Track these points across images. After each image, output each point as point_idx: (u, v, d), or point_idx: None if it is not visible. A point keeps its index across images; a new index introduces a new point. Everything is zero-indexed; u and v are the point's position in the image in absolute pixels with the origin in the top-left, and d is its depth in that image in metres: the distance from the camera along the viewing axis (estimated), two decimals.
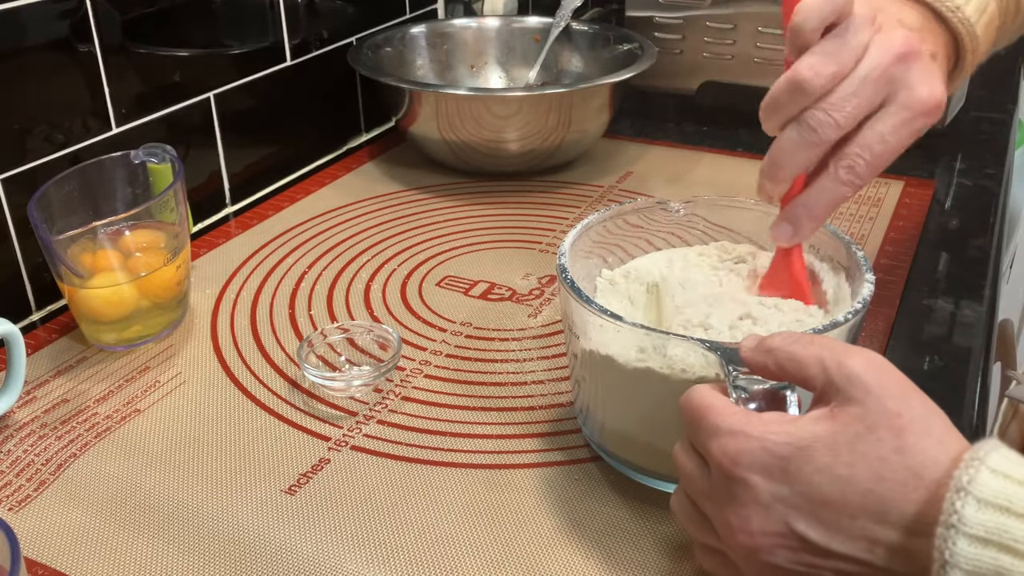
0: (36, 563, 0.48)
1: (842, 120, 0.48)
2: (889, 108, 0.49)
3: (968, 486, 0.34)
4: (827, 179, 0.50)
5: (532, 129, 0.87)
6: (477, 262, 0.78)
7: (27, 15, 0.67)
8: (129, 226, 0.64)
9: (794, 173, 0.50)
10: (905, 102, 0.49)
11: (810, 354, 0.40)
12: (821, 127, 0.48)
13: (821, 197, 0.50)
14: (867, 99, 0.48)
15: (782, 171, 0.50)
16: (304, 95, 0.95)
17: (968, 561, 0.33)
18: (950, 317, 0.69)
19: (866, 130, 0.49)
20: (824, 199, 0.50)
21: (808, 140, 0.48)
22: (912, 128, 0.49)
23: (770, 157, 0.50)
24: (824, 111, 0.48)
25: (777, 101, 0.49)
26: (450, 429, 0.58)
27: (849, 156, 0.49)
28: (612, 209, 0.58)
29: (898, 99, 0.49)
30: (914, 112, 0.49)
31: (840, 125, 0.48)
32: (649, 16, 1.05)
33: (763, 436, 0.38)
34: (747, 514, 0.39)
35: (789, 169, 0.50)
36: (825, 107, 0.48)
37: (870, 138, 0.49)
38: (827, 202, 0.50)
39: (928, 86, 0.49)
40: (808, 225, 0.51)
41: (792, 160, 0.49)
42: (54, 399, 0.61)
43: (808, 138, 0.48)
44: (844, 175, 0.49)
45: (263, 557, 0.48)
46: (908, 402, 0.37)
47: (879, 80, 0.48)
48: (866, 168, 0.49)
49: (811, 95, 0.48)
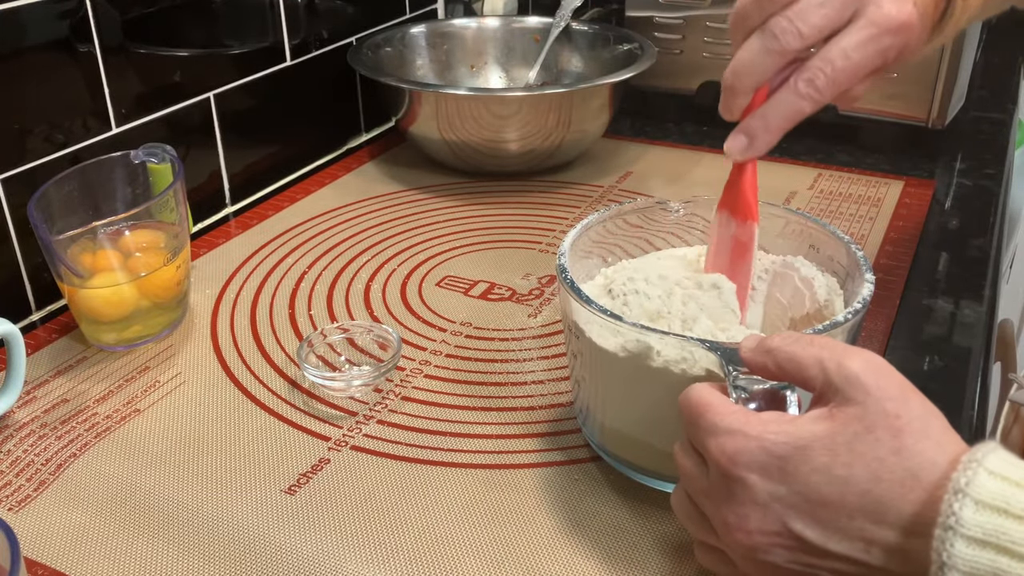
0: (36, 563, 0.48)
1: (805, 30, 0.47)
2: (856, 23, 0.48)
3: (966, 488, 0.34)
4: (786, 91, 0.49)
5: (532, 129, 0.87)
6: (477, 262, 0.78)
7: (27, 15, 0.67)
8: (129, 226, 0.64)
9: (754, 83, 0.49)
10: (872, 18, 0.48)
11: (809, 355, 0.40)
12: (783, 34, 0.47)
13: (779, 109, 0.49)
14: (834, 11, 0.47)
15: (742, 80, 0.49)
16: (304, 95, 0.95)
17: (966, 563, 0.33)
18: (950, 317, 0.69)
19: (830, 43, 0.48)
20: (781, 111, 0.49)
21: (769, 48, 0.48)
22: (878, 46, 0.48)
23: (731, 66, 0.49)
24: (788, 19, 0.47)
25: (744, 10, 0.49)
26: (450, 429, 0.58)
27: (810, 69, 0.48)
28: (612, 209, 0.58)
29: (866, 14, 0.48)
30: (880, 29, 0.48)
31: (803, 34, 0.47)
32: (649, 16, 1.05)
33: (761, 435, 0.38)
34: (745, 513, 0.39)
35: (750, 78, 0.49)
36: (789, 14, 0.47)
37: (833, 52, 0.48)
38: (784, 114, 0.49)
39: (896, 4, 0.48)
40: (764, 138, 0.50)
41: (753, 68, 0.49)
42: (54, 399, 0.61)
43: (770, 45, 0.48)
44: (803, 87, 0.48)
45: (263, 557, 0.49)
46: (907, 403, 0.37)
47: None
48: (826, 82, 0.48)
49: (775, 2, 0.47)
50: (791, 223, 0.57)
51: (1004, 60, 1.27)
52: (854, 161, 0.94)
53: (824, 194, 0.88)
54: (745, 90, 0.50)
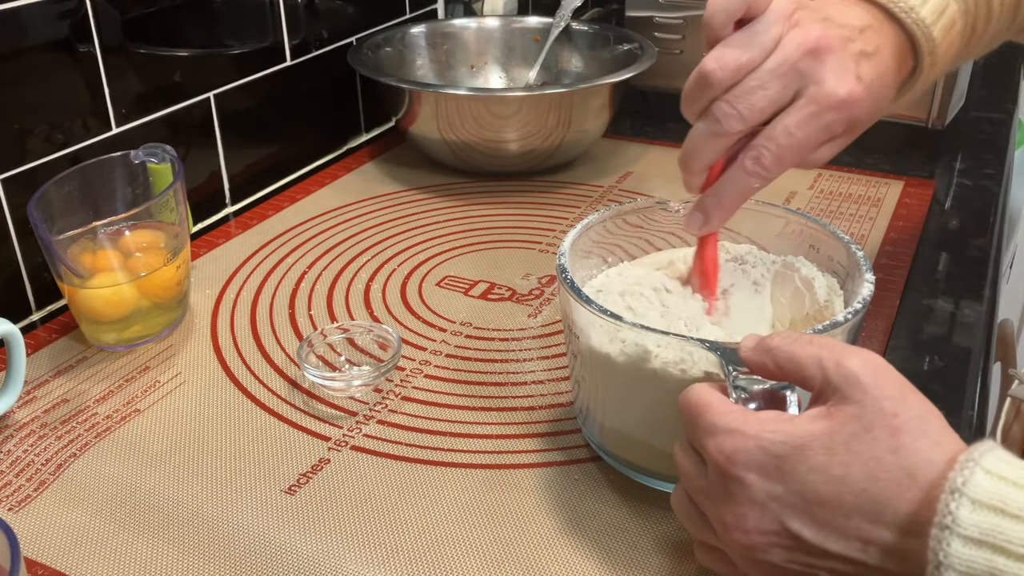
0: (36, 563, 0.48)
1: (745, 112, 0.48)
2: (798, 102, 0.49)
3: (962, 487, 0.34)
4: (735, 170, 0.51)
5: (532, 129, 0.87)
6: (477, 262, 0.78)
7: (27, 15, 0.67)
8: (129, 226, 0.64)
9: (705, 163, 0.51)
10: (813, 96, 0.49)
11: (809, 354, 0.40)
12: (725, 118, 0.48)
13: (729, 187, 0.51)
14: (775, 92, 0.48)
15: (693, 162, 0.51)
16: (304, 95, 0.95)
17: (962, 562, 0.33)
18: (950, 317, 0.69)
19: (774, 122, 0.49)
20: (732, 189, 0.51)
21: (713, 131, 0.49)
22: (821, 123, 0.49)
23: (683, 149, 0.51)
24: (728, 103, 0.48)
25: (689, 93, 0.50)
26: (450, 429, 0.58)
27: (755, 148, 0.50)
28: (612, 209, 0.58)
29: (807, 93, 0.49)
30: (821, 106, 0.49)
31: (744, 117, 0.48)
32: (649, 16, 1.05)
33: (759, 435, 0.38)
34: (742, 512, 0.39)
35: (699, 159, 0.51)
36: (729, 99, 0.48)
37: (776, 131, 0.49)
38: (735, 192, 0.51)
39: (838, 80, 0.49)
40: (717, 214, 0.52)
41: (701, 150, 0.50)
42: (54, 399, 0.61)
43: (713, 129, 0.49)
44: (750, 165, 0.50)
45: (263, 557, 0.49)
46: (905, 402, 0.37)
47: (788, 74, 0.48)
48: (772, 160, 0.49)
49: (715, 87, 0.48)
50: (791, 223, 0.57)
51: (1004, 60, 1.27)
52: (854, 161, 0.94)
53: (824, 194, 0.88)
54: (698, 171, 0.51)
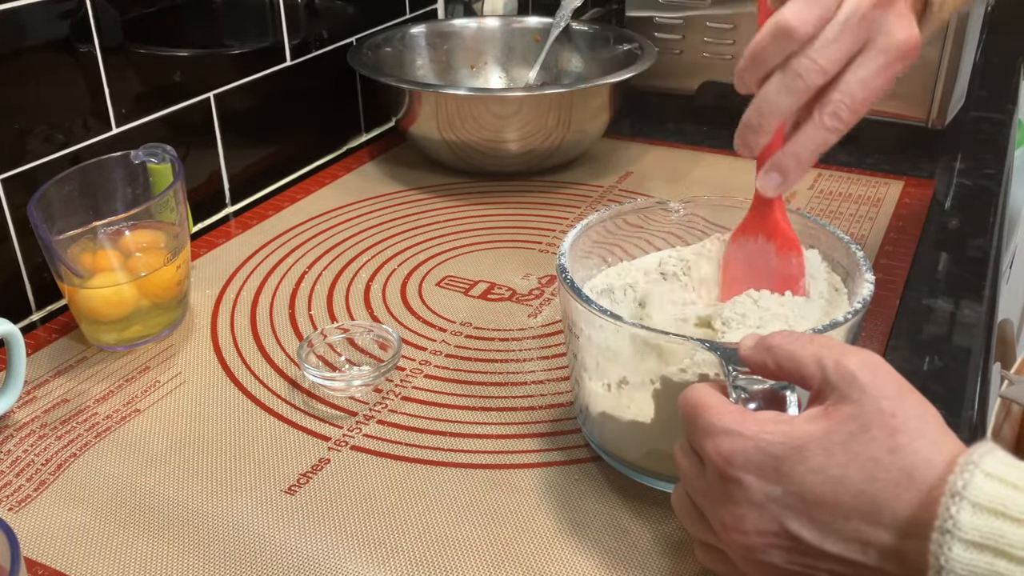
0: (36, 563, 0.48)
1: (827, 65, 0.48)
2: (869, 53, 0.49)
3: (963, 491, 0.34)
4: (812, 126, 0.50)
5: (532, 129, 0.87)
6: (477, 262, 0.78)
7: (27, 15, 0.67)
8: (129, 226, 0.64)
9: (779, 121, 0.50)
10: (884, 46, 0.49)
11: (808, 353, 0.40)
12: (807, 73, 0.48)
13: (808, 143, 0.50)
14: (849, 43, 0.48)
15: (767, 120, 0.50)
16: (304, 95, 0.95)
17: (964, 566, 0.33)
18: (950, 317, 0.69)
19: (848, 75, 0.49)
20: (811, 145, 0.50)
21: (794, 87, 0.49)
22: (891, 72, 0.49)
23: (754, 107, 0.50)
24: (809, 57, 0.48)
25: (763, 50, 0.49)
26: (450, 429, 0.58)
27: (832, 103, 0.49)
28: (612, 209, 0.58)
29: (877, 43, 0.49)
30: (892, 56, 0.49)
31: (826, 70, 0.48)
32: (649, 16, 1.05)
33: (757, 436, 0.38)
34: (741, 513, 0.39)
35: (775, 118, 0.50)
36: (810, 53, 0.48)
37: (852, 83, 0.49)
38: (813, 148, 0.51)
39: (905, 30, 0.49)
40: (796, 172, 0.51)
41: (778, 108, 0.49)
42: (54, 399, 0.61)
43: (794, 85, 0.49)
44: (828, 121, 0.49)
45: (263, 557, 0.49)
46: (903, 402, 0.37)
47: (859, 24, 0.48)
48: (849, 113, 0.49)
49: (798, 41, 0.48)
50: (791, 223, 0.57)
51: (1004, 60, 1.27)
52: (854, 161, 0.94)
53: (824, 194, 0.88)
54: (770, 129, 0.51)
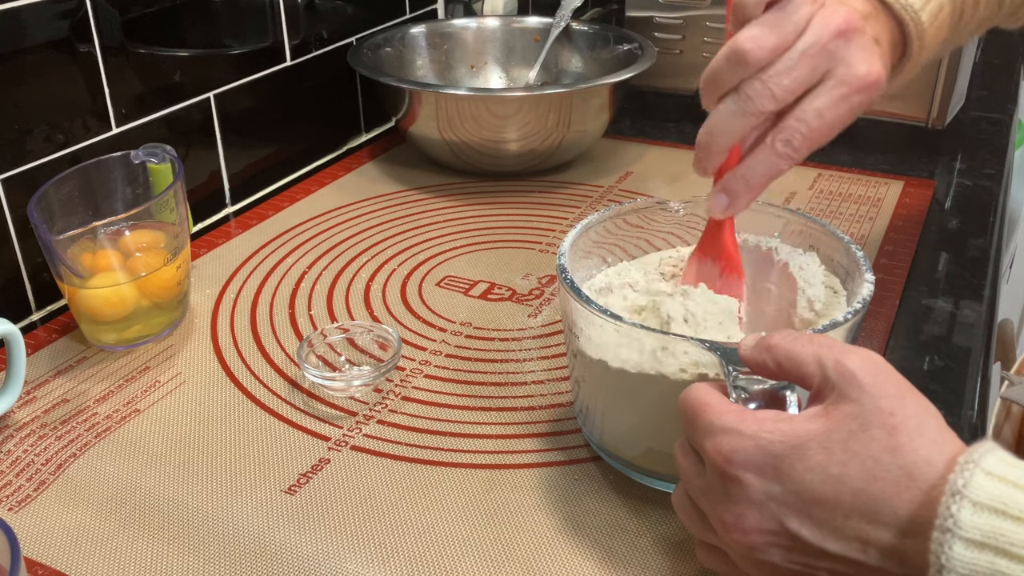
0: (36, 563, 0.48)
1: (779, 92, 0.48)
2: (827, 83, 0.49)
3: (963, 489, 0.34)
4: (764, 151, 0.50)
5: (532, 129, 0.87)
6: (477, 262, 0.78)
7: (27, 15, 0.67)
8: (129, 226, 0.64)
9: (729, 143, 0.50)
10: (843, 77, 0.49)
11: (808, 352, 0.40)
12: (758, 97, 0.48)
13: (758, 169, 0.51)
14: (806, 72, 0.48)
15: (717, 141, 0.50)
16: (304, 95, 0.95)
17: (964, 565, 0.33)
18: (950, 317, 0.69)
19: (804, 104, 0.49)
20: (760, 171, 0.51)
21: (744, 109, 0.49)
22: (849, 104, 0.49)
23: (706, 127, 0.51)
24: (762, 81, 0.48)
25: (717, 73, 0.49)
26: (450, 429, 0.58)
27: (786, 129, 0.49)
28: (612, 209, 0.58)
29: (836, 74, 0.49)
30: (851, 88, 0.49)
31: (776, 97, 0.48)
32: (649, 16, 1.05)
33: (756, 434, 0.38)
34: (740, 512, 0.39)
35: (724, 139, 0.50)
36: (763, 78, 0.48)
37: (808, 112, 0.49)
38: (763, 174, 0.51)
39: (866, 63, 0.49)
40: (744, 196, 0.52)
41: (728, 130, 0.50)
42: (54, 399, 0.61)
43: (744, 107, 0.49)
44: (781, 147, 0.50)
45: (263, 557, 0.49)
46: (903, 401, 0.37)
47: (818, 55, 0.48)
48: (803, 141, 0.49)
49: (751, 66, 0.48)
50: (791, 223, 0.57)
51: (1004, 60, 1.27)
52: (854, 161, 0.94)
53: (824, 194, 0.88)
54: (721, 150, 0.51)
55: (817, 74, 0.49)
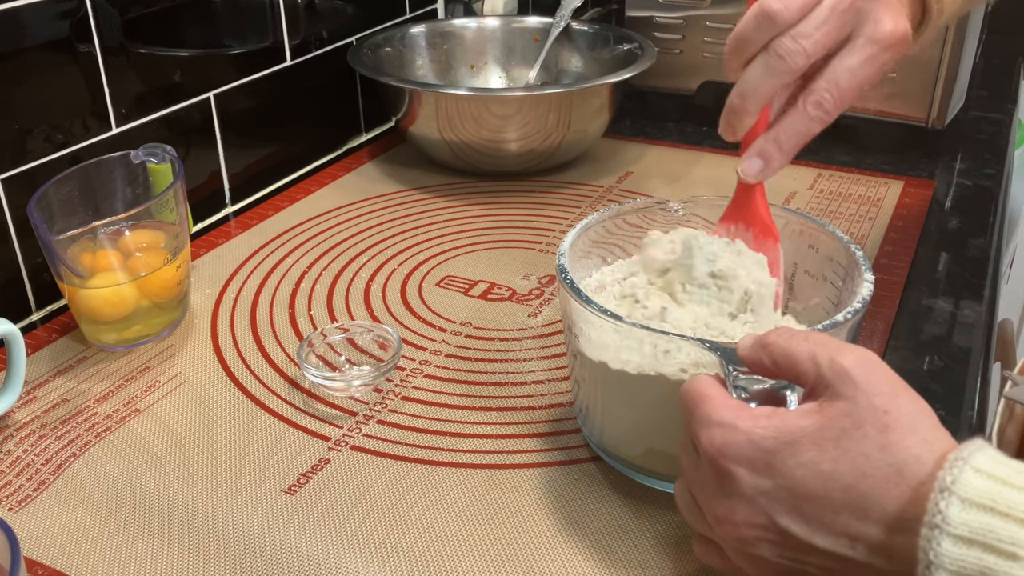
0: (36, 563, 0.48)
1: (810, 48, 0.48)
2: (856, 42, 0.49)
3: (952, 486, 0.34)
4: (796, 114, 0.50)
5: (532, 129, 0.87)
6: (477, 262, 0.78)
7: (27, 15, 0.67)
8: (129, 226, 0.64)
9: (761, 104, 0.50)
10: (871, 35, 0.49)
11: (803, 350, 0.40)
12: (789, 55, 0.48)
13: (791, 131, 0.50)
14: (835, 29, 0.48)
15: (749, 102, 0.50)
16: (304, 95, 0.95)
17: (953, 561, 0.33)
18: (950, 317, 0.69)
19: (834, 64, 0.49)
20: (793, 133, 0.50)
21: (776, 68, 0.48)
22: (878, 62, 0.49)
23: (737, 90, 0.50)
24: (792, 39, 0.48)
25: (745, 34, 0.49)
26: (450, 429, 0.58)
27: (817, 91, 0.49)
28: (612, 209, 0.58)
29: (864, 32, 0.49)
30: (879, 46, 0.49)
31: (808, 53, 0.48)
32: (649, 16, 1.05)
33: (750, 429, 0.38)
34: (732, 506, 0.39)
35: (756, 100, 0.50)
36: (793, 34, 0.48)
37: (838, 72, 0.49)
38: (796, 136, 0.51)
39: (893, 20, 0.49)
40: (778, 159, 0.51)
41: (759, 90, 0.49)
42: (54, 399, 0.61)
43: (776, 66, 0.48)
44: (812, 110, 0.49)
45: (263, 557, 0.49)
46: (896, 399, 0.37)
47: (847, 11, 0.48)
48: (834, 103, 0.49)
49: (780, 25, 0.48)
50: (791, 223, 0.57)
51: (1004, 60, 1.27)
52: (854, 161, 0.94)
53: (824, 194, 0.88)
54: (753, 111, 0.50)
55: (846, 31, 0.48)
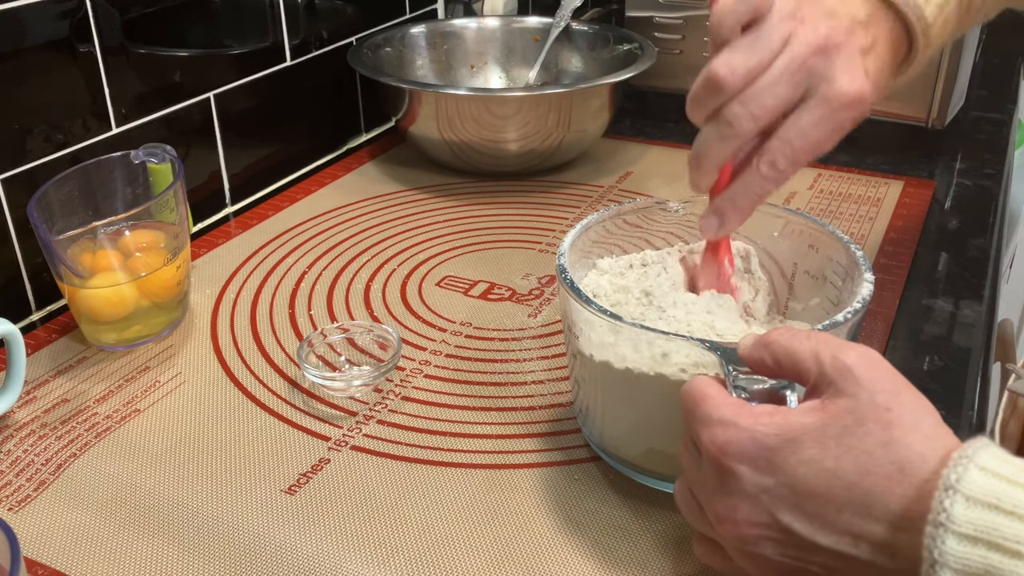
0: (36, 563, 0.48)
1: (759, 113, 0.48)
2: (809, 102, 0.48)
3: (956, 484, 0.34)
4: (750, 174, 0.50)
5: (532, 129, 0.87)
6: (477, 262, 0.78)
7: (27, 15, 0.67)
8: (129, 226, 0.64)
9: (716, 166, 0.50)
10: (825, 95, 0.48)
11: (805, 348, 0.40)
12: (737, 120, 0.48)
13: (745, 191, 0.51)
14: (786, 91, 0.48)
15: (703, 164, 0.50)
16: (304, 95, 0.95)
17: (957, 560, 0.33)
18: (950, 317, 0.69)
19: (788, 123, 0.49)
20: (747, 193, 0.51)
21: (725, 134, 0.48)
22: (835, 122, 0.49)
23: (693, 150, 0.51)
24: (741, 103, 0.48)
25: (697, 98, 0.49)
26: (450, 429, 0.58)
27: (770, 151, 0.49)
28: (612, 209, 0.58)
29: (818, 92, 0.48)
30: (834, 105, 0.48)
31: (756, 118, 0.48)
32: (649, 16, 1.05)
33: (752, 427, 0.38)
34: (734, 504, 0.39)
35: (710, 162, 0.50)
36: (742, 99, 0.48)
37: (791, 133, 0.49)
38: (750, 196, 0.51)
39: (849, 78, 0.48)
40: (733, 218, 0.52)
41: (711, 153, 0.50)
42: (54, 399, 0.61)
43: (724, 132, 0.48)
44: (765, 170, 0.49)
45: (263, 557, 0.49)
46: (898, 397, 0.37)
47: (797, 72, 0.48)
48: (787, 163, 0.49)
49: (728, 91, 0.48)
50: (791, 223, 0.57)
51: (1004, 60, 1.27)
52: (854, 161, 0.94)
53: (824, 194, 0.88)
54: (709, 171, 0.51)
55: (799, 92, 0.48)
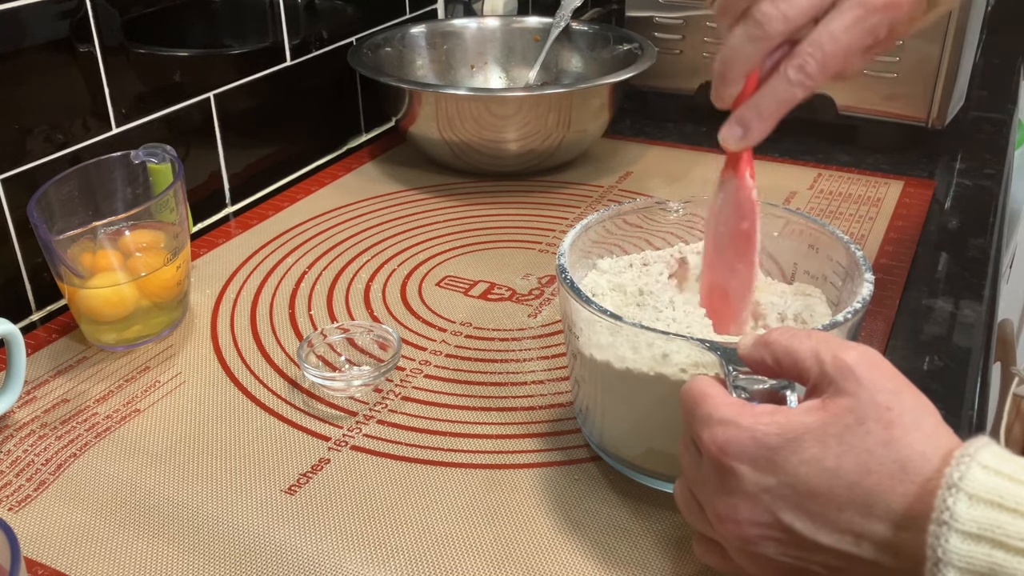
0: (36, 563, 0.48)
1: (791, 13, 0.46)
2: (842, 5, 0.47)
3: (959, 482, 0.34)
4: (777, 79, 0.48)
5: (532, 129, 0.87)
6: (477, 262, 0.78)
7: (27, 15, 0.67)
8: (129, 226, 0.64)
9: (743, 71, 0.48)
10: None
11: (806, 347, 0.40)
12: (768, 20, 0.46)
13: (771, 97, 0.49)
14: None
15: (731, 69, 0.48)
16: (304, 95, 0.95)
17: (961, 558, 0.33)
18: (950, 317, 0.69)
19: (819, 28, 0.47)
20: (774, 99, 0.48)
21: (754, 34, 0.47)
22: (866, 25, 0.47)
23: (720, 55, 0.49)
24: (772, 3, 0.46)
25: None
26: (450, 429, 0.58)
27: (799, 55, 0.47)
28: (612, 209, 0.58)
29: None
30: (867, 8, 0.47)
31: (788, 18, 0.46)
32: (649, 16, 1.05)
33: (753, 427, 0.38)
34: (734, 504, 0.39)
35: (738, 67, 0.48)
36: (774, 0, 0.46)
37: (822, 36, 0.47)
38: (777, 102, 0.49)
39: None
40: (758, 126, 0.49)
41: (740, 56, 0.48)
42: (54, 399, 0.61)
43: (754, 32, 0.47)
44: (794, 74, 0.47)
45: (263, 557, 0.49)
46: (899, 396, 0.37)
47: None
48: (816, 68, 0.47)
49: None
50: (791, 223, 0.57)
51: (1004, 60, 1.27)
52: (854, 161, 0.94)
53: (824, 194, 0.88)
54: (735, 78, 0.49)
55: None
